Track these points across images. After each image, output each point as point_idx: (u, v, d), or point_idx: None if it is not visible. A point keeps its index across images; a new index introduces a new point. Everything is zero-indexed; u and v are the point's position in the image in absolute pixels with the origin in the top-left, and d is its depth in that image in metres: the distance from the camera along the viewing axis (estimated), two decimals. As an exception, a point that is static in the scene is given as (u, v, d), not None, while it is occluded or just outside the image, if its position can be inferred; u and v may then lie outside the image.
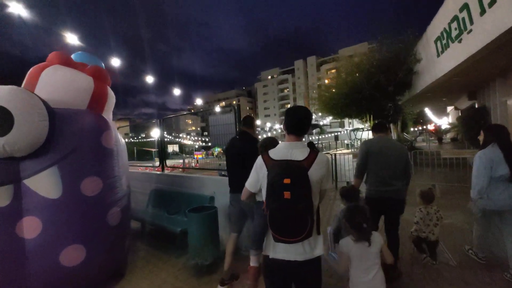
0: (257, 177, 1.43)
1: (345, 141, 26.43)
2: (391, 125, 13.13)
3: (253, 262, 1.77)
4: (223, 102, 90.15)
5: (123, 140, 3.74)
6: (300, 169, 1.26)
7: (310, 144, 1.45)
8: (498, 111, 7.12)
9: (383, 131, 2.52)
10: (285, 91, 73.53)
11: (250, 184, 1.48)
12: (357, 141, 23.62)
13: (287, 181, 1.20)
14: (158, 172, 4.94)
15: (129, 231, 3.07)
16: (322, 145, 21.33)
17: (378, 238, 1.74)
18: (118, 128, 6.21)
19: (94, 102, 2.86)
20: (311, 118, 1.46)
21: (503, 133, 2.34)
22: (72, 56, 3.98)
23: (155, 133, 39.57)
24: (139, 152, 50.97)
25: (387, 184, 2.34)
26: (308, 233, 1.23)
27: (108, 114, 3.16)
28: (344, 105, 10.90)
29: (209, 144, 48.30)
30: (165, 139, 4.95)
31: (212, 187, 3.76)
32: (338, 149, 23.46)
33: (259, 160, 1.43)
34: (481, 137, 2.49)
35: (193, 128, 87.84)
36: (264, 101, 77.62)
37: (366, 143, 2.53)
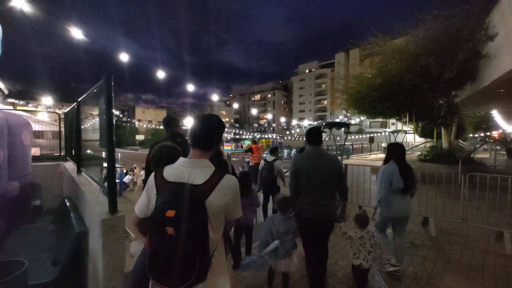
0: (148, 200, 1.13)
1: (383, 144, 22.92)
2: (442, 129, 10.13)
3: None
4: (258, 95, 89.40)
5: None
6: (193, 198, 1.01)
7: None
8: None
9: (317, 143, 2.39)
10: (323, 86, 69.05)
11: (139, 208, 1.17)
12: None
13: (170, 213, 0.95)
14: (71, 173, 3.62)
15: None
16: (351, 147, 18.53)
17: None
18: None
19: None
20: (221, 129, 1.23)
21: (400, 151, 2.82)
22: None
23: (188, 122, 40.35)
24: (173, 140, 53.20)
25: (317, 205, 2.24)
26: (198, 278, 0.97)
27: None
28: (374, 100, 8.34)
29: (243, 136, 48.53)
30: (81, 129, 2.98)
31: (93, 211, 2.28)
32: (372, 153, 20.35)
33: (151, 179, 1.14)
34: (385, 154, 2.95)
35: (227, 119, 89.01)
36: (300, 95, 74.28)
37: (295, 161, 2.38)
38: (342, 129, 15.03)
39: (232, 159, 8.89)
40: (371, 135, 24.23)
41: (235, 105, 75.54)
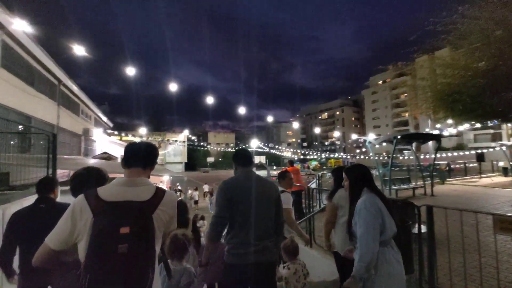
0: (72, 228, 1.03)
1: (500, 163, 16.45)
2: None
3: None
4: (326, 113, 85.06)
5: None
6: (142, 213, 1.06)
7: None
8: None
9: (249, 164, 1.97)
10: (402, 96, 59.84)
11: (58, 240, 1.04)
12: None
13: (124, 230, 0.97)
14: None
15: None
16: (448, 168, 13.58)
17: None
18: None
19: None
20: (155, 151, 1.30)
21: (369, 175, 1.87)
22: None
23: (253, 144, 40.97)
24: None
25: (253, 244, 1.76)
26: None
27: None
28: (480, 91, 5.08)
29: (310, 156, 46.06)
30: None
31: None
32: (482, 176, 14.54)
33: (79, 202, 1.06)
34: (345, 182, 1.94)
35: (293, 140, 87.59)
36: (373, 110, 66.59)
37: (227, 186, 1.85)
38: (430, 143, 11.07)
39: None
40: (479, 151, 17.60)
41: (298, 125, 73.90)
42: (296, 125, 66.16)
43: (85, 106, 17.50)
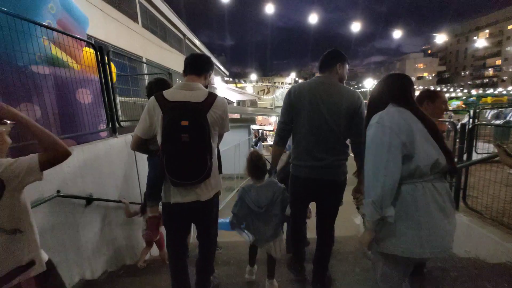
0: (150, 122, 1.32)
1: None
2: None
3: (152, 212, 1.89)
4: (486, 31, 58.92)
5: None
6: (198, 111, 1.27)
7: None
8: None
9: (326, 69, 1.63)
10: None
11: (142, 130, 1.35)
12: None
13: (184, 123, 1.20)
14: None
15: None
16: None
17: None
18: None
19: None
20: (207, 60, 1.46)
21: (408, 84, 1.19)
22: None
23: (368, 83, 35.40)
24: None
25: (317, 158, 1.59)
26: (207, 174, 1.29)
27: None
28: None
29: (451, 93, 35.17)
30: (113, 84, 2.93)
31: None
32: None
33: (152, 102, 1.32)
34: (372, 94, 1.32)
35: (425, 74, 68.67)
36: None
37: (291, 90, 1.65)
38: None
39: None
40: None
41: (440, 44, 55.80)
42: (441, 39, 50.62)
43: (206, 58, 20.01)
